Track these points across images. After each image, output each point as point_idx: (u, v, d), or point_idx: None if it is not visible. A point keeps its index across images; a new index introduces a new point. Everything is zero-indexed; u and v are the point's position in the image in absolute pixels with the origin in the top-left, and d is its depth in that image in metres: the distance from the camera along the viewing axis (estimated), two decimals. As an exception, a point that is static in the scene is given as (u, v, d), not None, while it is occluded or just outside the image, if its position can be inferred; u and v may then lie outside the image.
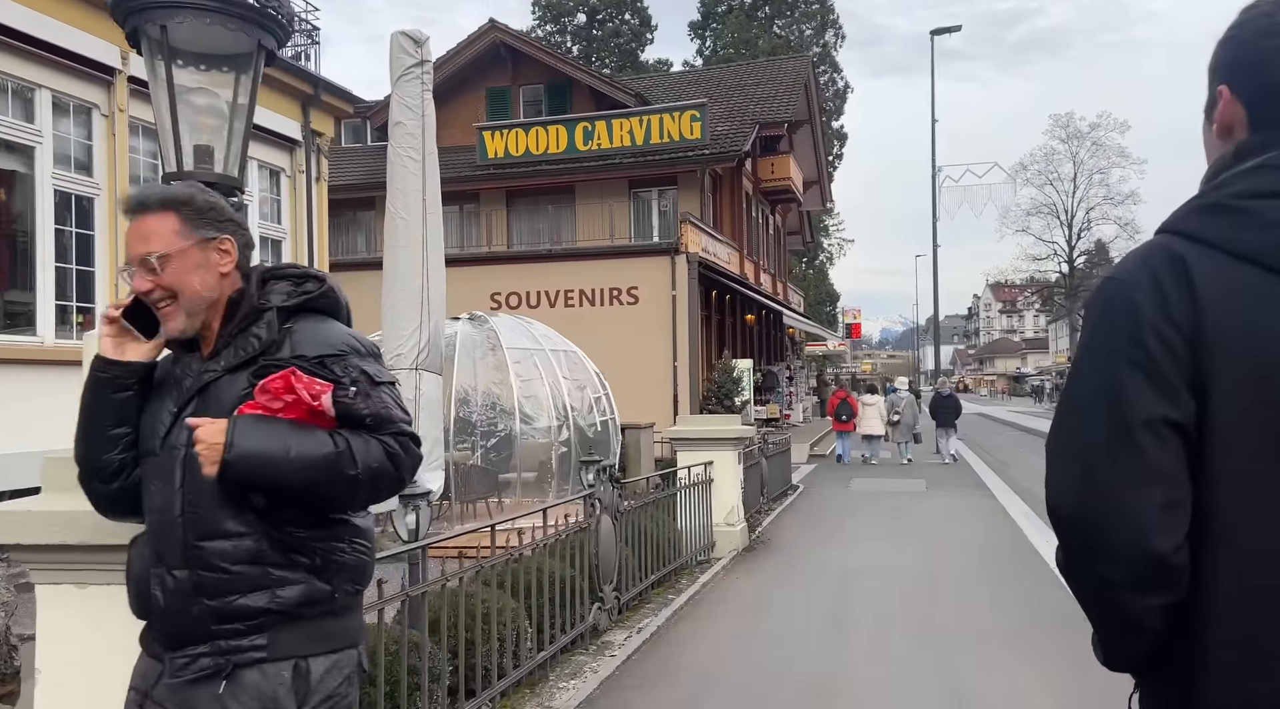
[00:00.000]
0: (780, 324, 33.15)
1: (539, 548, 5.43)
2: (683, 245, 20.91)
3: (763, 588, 7.81)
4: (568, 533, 5.71)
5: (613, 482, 6.31)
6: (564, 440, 11.21)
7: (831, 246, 62.75)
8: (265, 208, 13.24)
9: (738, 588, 7.80)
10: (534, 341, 11.72)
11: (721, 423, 9.30)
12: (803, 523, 11.34)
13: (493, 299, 21.52)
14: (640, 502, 7.09)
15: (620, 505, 6.42)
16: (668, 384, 20.67)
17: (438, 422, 10.70)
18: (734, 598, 7.45)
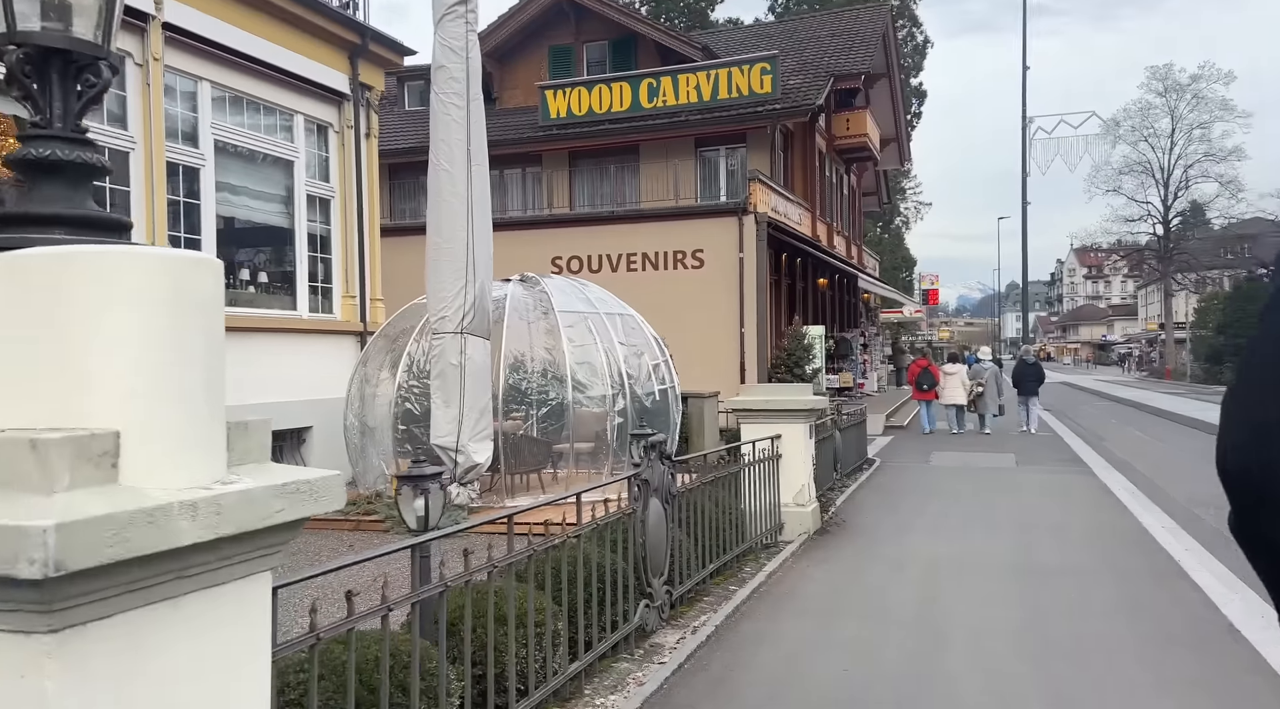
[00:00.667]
0: (854, 289, 31.79)
1: (568, 541, 4.58)
2: (751, 205, 19.82)
3: (837, 580, 6.88)
4: (605, 522, 4.86)
5: (663, 459, 5.43)
6: (620, 410, 10.37)
7: (908, 210, 60.62)
8: (311, 165, 12.60)
9: (808, 579, 6.88)
10: (588, 305, 10.87)
11: (791, 392, 8.36)
12: (881, 502, 10.35)
13: (553, 263, 20.75)
14: (697, 481, 6.21)
15: (672, 487, 5.54)
16: (734, 352, 19.70)
17: (486, 389, 9.93)
18: (804, 592, 6.54)
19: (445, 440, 9.56)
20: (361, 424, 10.72)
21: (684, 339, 19.32)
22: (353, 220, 13.06)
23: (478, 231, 9.62)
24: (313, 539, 9.26)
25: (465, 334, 9.54)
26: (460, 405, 9.50)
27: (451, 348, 9.54)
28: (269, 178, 12.03)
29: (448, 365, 9.56)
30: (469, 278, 9.53)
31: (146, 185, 9.91)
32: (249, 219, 11.90)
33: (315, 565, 8.54)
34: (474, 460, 9.58)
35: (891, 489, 11.33)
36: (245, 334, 11.21)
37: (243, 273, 11.69)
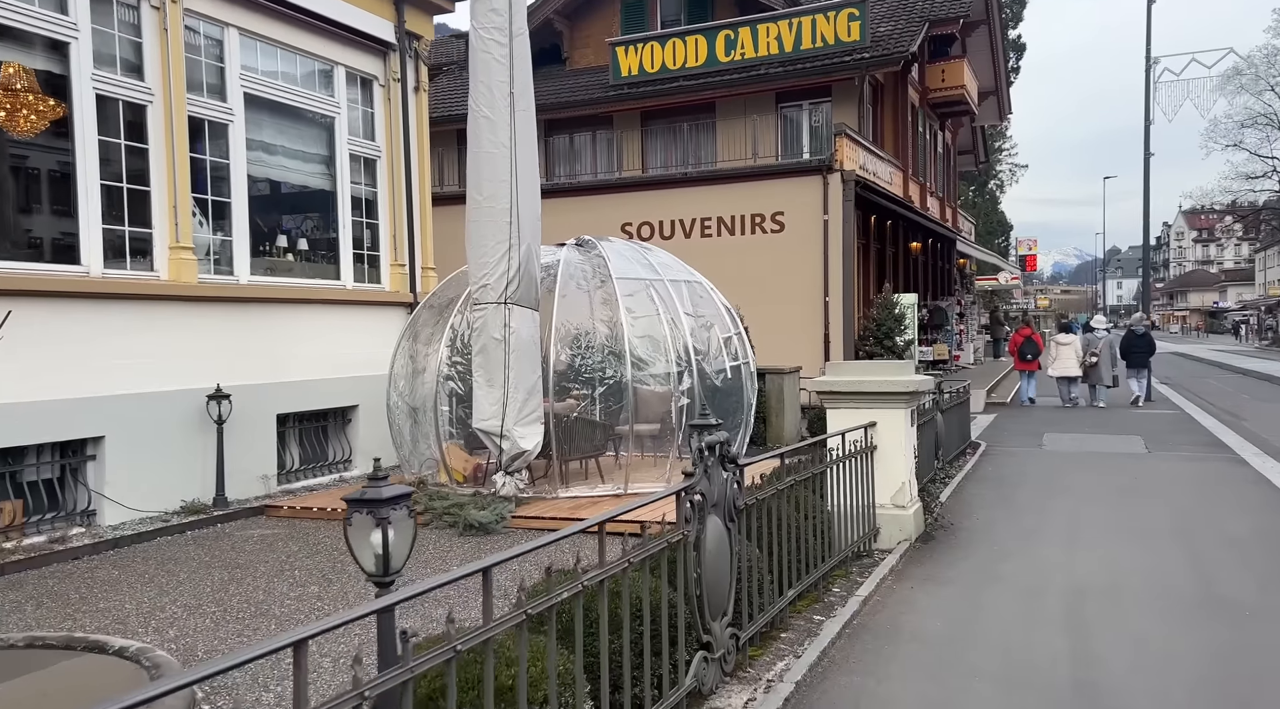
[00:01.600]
0: (949, 255, 29.80)
1: (584, 589, 3.36)
2: (837, 162, 18.21)
3: (953, 612, 5.47)
4: (643, 557, 3.61)
5: (725, 463, 4.17)
6: (686, 389, 9.12)
7: (1002, 173, 57.53)
8: (354, 122, 11.58)
9: (915, 609, 5.52)
10: (651, 271, 9.61)
11: (887, 372, 6.98)
12: (994, 499, 8.89)
13: (623, 230, 19.51)
14: (771, 488, 4.93)
15: (738, 499, 4.27)
16: (817, 323, 18.22)
17: (534, 366, 8.74)
18: (912, 629, 5.18)
19: (489, 424, 8.46)
20: (406, 404, 9.71)
21: (762, 309, 17.92)
22: (400, 182, 12.03)
23: (523, 187, 8.43)
24: (340, 533, 8.28)
25: (509, 305, 8.40)
26: (505, 385, 8.38)
27: (494, 320, 8.41)
28: (307, 136, 11.04)
29: (490, 340, 8.43)
30: (513, 241, 8.37)
31: (166, 142, 8.99)
32: (286, 180, 10.94)
33: (328, 571, 7.54)
34: (520, 447, 8.47)
35: (1004, 481, 9.83)
36: (282, 306, 10.29)
37: (279, 240, 10.76)
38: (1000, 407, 18.53)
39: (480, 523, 8.02)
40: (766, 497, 4.80)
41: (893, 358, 18.81)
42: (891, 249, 23.08)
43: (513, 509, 8.42)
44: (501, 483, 8.51)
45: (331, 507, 8.93)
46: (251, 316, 9.89)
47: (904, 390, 6.74)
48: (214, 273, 9.69)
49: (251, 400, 9.64)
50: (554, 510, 8.42)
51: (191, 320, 9.19)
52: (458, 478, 9.38)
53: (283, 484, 10.09)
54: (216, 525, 8.66)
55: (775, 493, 4.91)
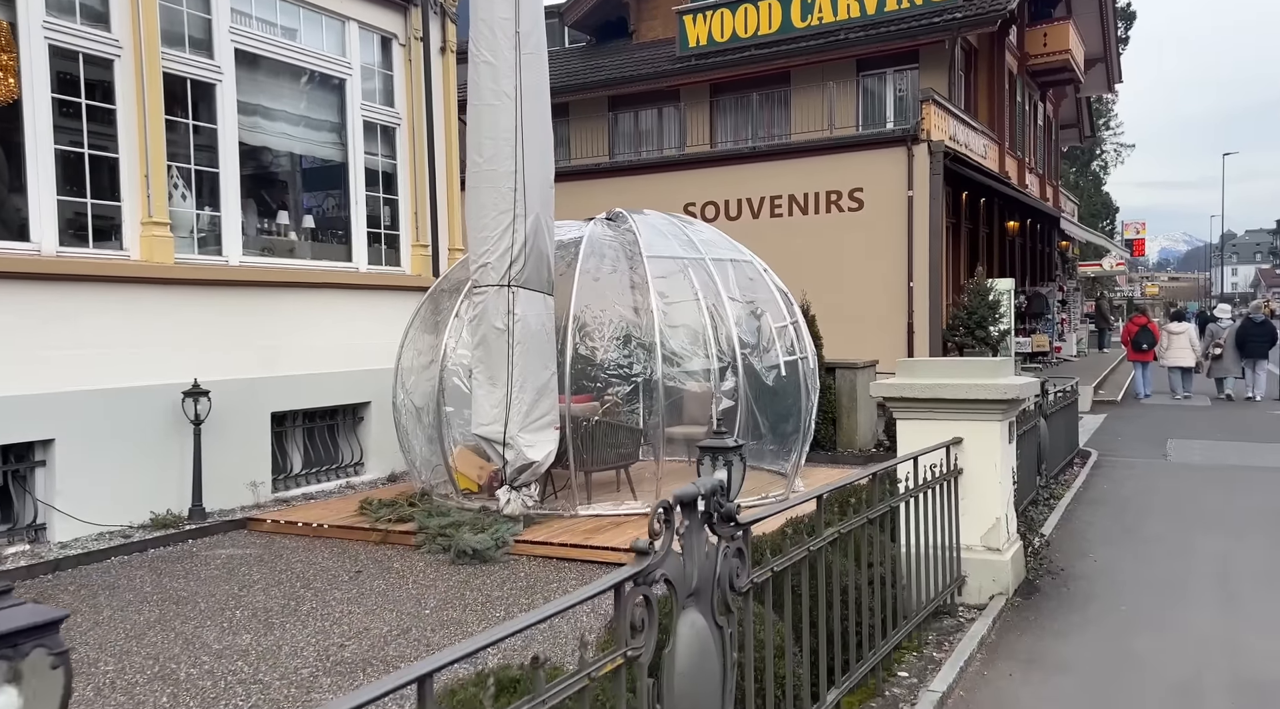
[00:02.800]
0: (1049, 237, 27.44)
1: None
2: (923, 132, 16.39)
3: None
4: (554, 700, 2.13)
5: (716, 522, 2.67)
6: (729, 390, 7.63)
7: (1107, 153, 53.98)
8: (371, 85, 10.37)
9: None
10: (690, 248, 8.13)
11: (978, 372, 5.36)
12: (1114, 530, 7.15)
13: (685, 210, 17.99)
14: (801, 548, 3.41)
15: (738, 577, 2.77)
16: (899, 310, 16.45)
17: (546, 360, 7.28)
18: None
19: (489, 430, 7.11)
20: (412, 403, 8.45)
21: (837, 296, 16.20)
22: (423, 154, 10.77)
23: (530, 146, 7.05)
24: (326, 553, 7.06)
25: (514, 287, 7.03)
26: (508, 383, 7.02)
27: (496, 306, 7.05)
28: (313, 100, 9.85)
29: (491, 330, 7.08)
30: (517, 211, 6.99)
31: (137, 103, 7.86)
32: (289, 150, 9.77)
33: (303, 600, 6.28)
34: (527, 457, 7.10)
35: (1125, 504, 8.05)
36: (282, 291, 9.13)
37: (281, 216, 9.60)
38: (1110, 405, 16.47)
39: (474, 550, 6.68)
40: (791, 562, 3.30)
41: (985, 349, 16.90)
42: (985, 230, 21.04)
43: (518, 531, 7.07)
44: (505, 500, 7.17)
45: (317, 522, 7.73)
46: (244, 302, 8.74)
47: (1000, 397, 5.13)
48: (199, 253, 8.57)
49: (240, 397, 8.51)
50: (568, 533, 7.05)
51: (168, 306, 8.07)
52: (470, 488, 8.07)
53: (279, 491, 8.94)
54: (186, 542, 7.53)
55: (806, 556, 3.40)
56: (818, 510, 3.50)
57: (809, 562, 3.45)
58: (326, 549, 7.26)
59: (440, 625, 5.38)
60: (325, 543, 7.47)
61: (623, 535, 7.01)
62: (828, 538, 3.49)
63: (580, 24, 25.30)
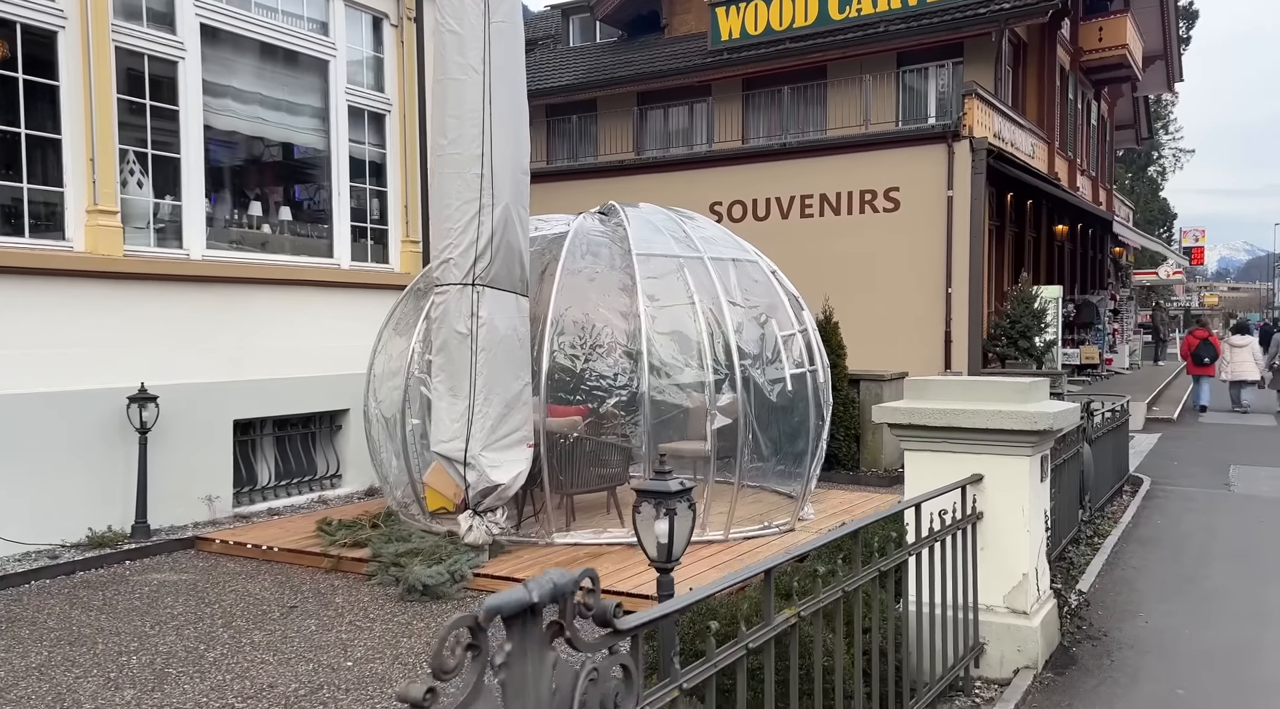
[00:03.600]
0: (1101, 243, 26.07)
1: None
2: (965, 127, 15.34)
3: None
4: None
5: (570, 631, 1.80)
6: (726, 405, 6.75)
7: (1165, 158, 51.98)
8: (358, 68, 9.64)
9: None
10: (687, 246, 7.25)
11: (1004, 395, 4.41)
12: (1170, 580, 6.09)
13: (711, 209, 17.13)
14: (760, 632, 2.52)
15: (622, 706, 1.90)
16: (936, 318, 15.40)
17: (518, 370, 6.31)
18: None
19: (449, 448, 6.30)
20: (381, 413, 7.69)
21: (869, 302, 15.23)
22: (415, 143, 10.01)
23: (500, 126, 6.23)
24: (268, 581, 6.30)
25: (479, 286, 6.22)
26: (470, 396, 6.21)
27: (457, 307, 6.25)
28: (292, 82, 9.14)
29: (452, 335, 6.28)
30: (484, 200, 6.18)
31: (84, 79, 7.19)
32: (263, 136, 9.07)
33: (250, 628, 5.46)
34: (491, 479, 6.28)
35: (1182, 545, 7.00)
36: (252, 288, 8.43)
37: (253, 207, 8.90)
38: (1165, 423, 15.26)
39: (425, 585, 5.87)
40: (745, 651, 2.42)
41: (1029, 361, 15.79)
42: (1031, 233, 19.86)
43: (480, 563, 6.26)
44: (467, 527, 6.34)
45: (268, 544, 6.98)
46: (207, 299, 8.05)
47: (1030, 428, 4.19)
48: (157, 245, 7.89)
49: (198, 403, 7.81)
50: (537, 567, 6.21)
51: (116, 302, 7.39)
52: (445, 507, 7.27)
53: (241, 506, 8.23)
54: (123, 563, 6.82)
55: (763, 644, 2.51)
56: (766, 587, 2.61)
57: (775, 641, 2.56)
58: (270, 576, 6.51)
59: (358, 683, 4.57)
60: (272, 569, 6.72)
61: (600, 569, 6.17)
62: (778, 627, 2.60)
63: (611, 18, 24.51)
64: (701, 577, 6.07)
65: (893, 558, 3.43)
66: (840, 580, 3.03)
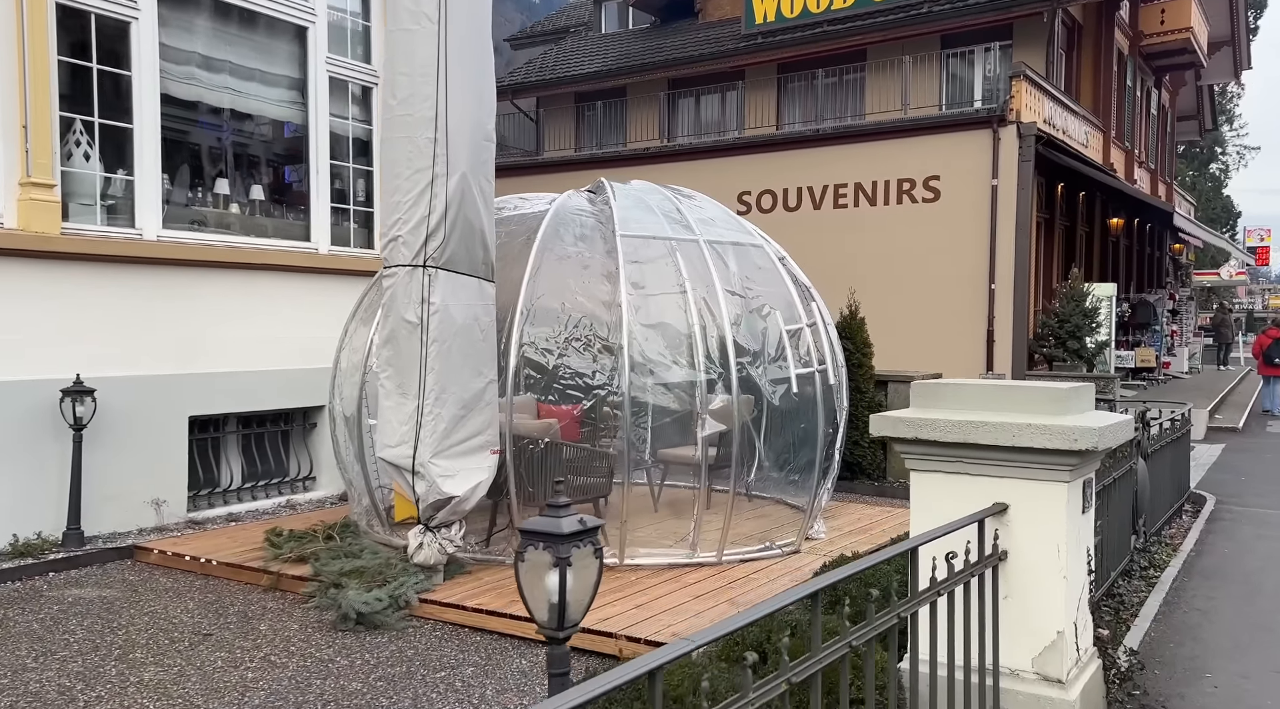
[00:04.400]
0: (1159, 239, 24.64)
1: None
2: (1012, 112, 14.24)
3: None
4: None
5: None
6: (719, 409, 5.89)
7: (1229, 156, 49.84)
8: (340, 34, 8.89)
9: None
10: (680, 227, 6.38)
11: (1034, 403, 3.47)
12: (1241, 626, 5.08)
13: (739, 200, 16.23)
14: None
15: None
16: (978, 316, 14.34)
17: (480, 365, 5.13)
18: None
19: (395, 454, 5.51)
20: (343, 411, 6.94)
21: (904, 298, 14.21)
22: (404, 118, 9.22)
23: (456, 84, 5.43)
24: (194, 600, 5.57)
25: (431, 269, 5.42)
26: (420, 395, 5.41)
27: (406, 293, 5.45)
28: (266, 50, 8.43)
29: (400, 324, 5.48)
30: (437, 168, 5.38)
31: (17, 38, 6.52)
32: (231, 107, 8.35)
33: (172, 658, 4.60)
34: (443, 491, 5.47)
35: (1254, 581, 5.95)
36: (215, 272, 7.74)
37: (219, 185, 8.20)
38: (1229, 433, 14.04)
39: (359, 613, 5.09)
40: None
41: (1079, 363, 14.65)
42: (1084, 227, 18.63)
43: (429, 586, 5.46)
44: (416, 544, 5.55)
45: (206, 557, 6.25)
46: (163, 284, 7.38)
47: (1069, 447, 3.26)
48: (106, 224, 7.21)
49: (147, 397, 7.13)
50: (493, 593, 5.43)
51: (52, 286, 6.73)
52: (415, 516, 6.49)
53: (197, 510, 7.54)
54: (45, 576, 6.15)
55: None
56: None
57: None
58: (199, 595, 5.78)
59: (238, 740, 3.80)
60: (206, 585, 6.00)
61: None
62: None
63: (644, 3, 23.66)
64: (682, 608, 5.23)
65: (874, 625, 2.54)
66: (789, 669, 2.15)
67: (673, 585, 5.66)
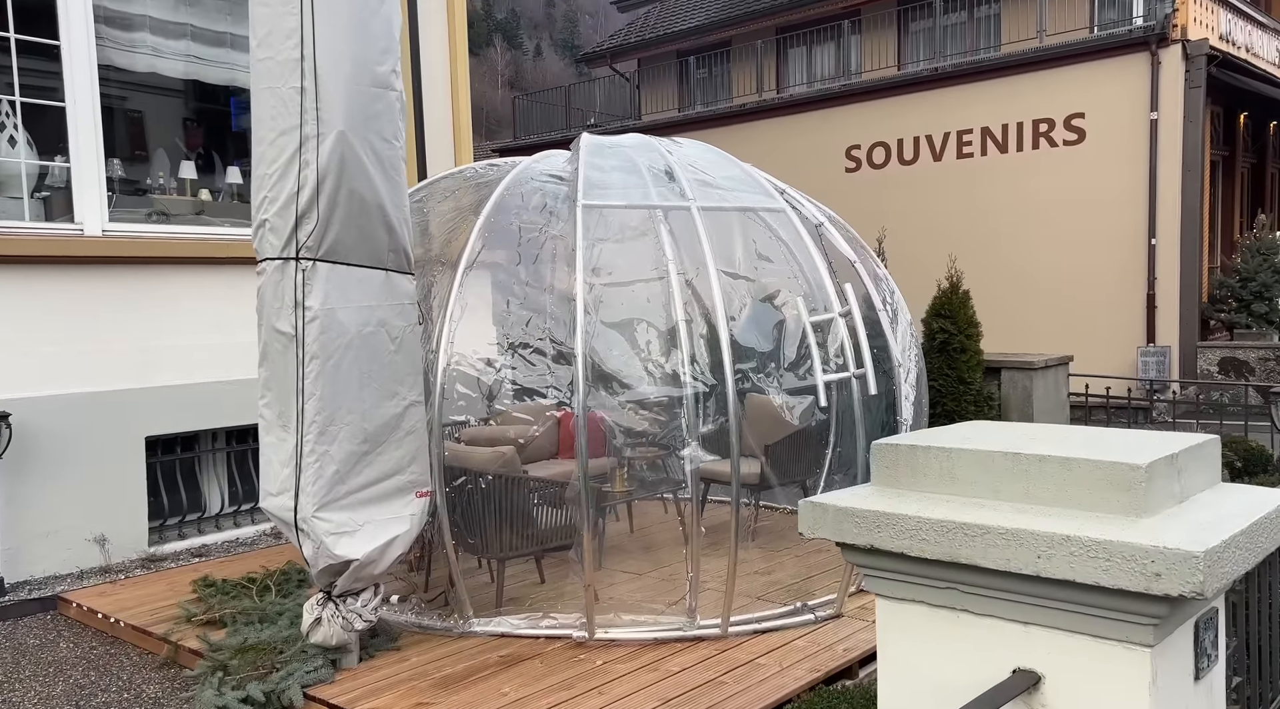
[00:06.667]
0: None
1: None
2: (1175, 27, 11.74)
3: None
4: None
5: None
6: (709, 432, 4.37)
7: None
8: None
9: None
10: (668, 191, 4.82)
11: (1075, 492, 1.85)
12: None
13: (849, 156, 14.33)
14: None
15: None
16: (1135, 278, 12.01)
17: (391, 384, 3.30)
18: None
19: (276, 504, 4.27)
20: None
21: (1041, 261, 12.06)
22: (409, 98, 8.02)
23: (328, 13, 4.09)
24: (71, 683, 4.51)
25: (305, 261, 4.12)
26: (299, 428, 4.13)
27: (276, 295, 4.19)
28: (234, 10, 7.35)
29: (272, 337, 4.23)
30: (307, 128, 4.08)
31: (-85, 16, 5.63)
32: (196, 77, 7.33)
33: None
34: (336, 554, 4.19)
35: None
36: (182, 269, 6.78)
37: (184, 169, 7.21)
38: None
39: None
40: None
41: (1269, 329, 12.09)
42: (1275, 166, 15.62)
43: (325, 677, 4.21)
44: (313, 619, 4.30)
45: (116, 616, 5.24)
46: (112, 285, 6.45)
47: (1141, 588, 1.62)
48: (37, 219, 6.32)
49: (89, 418, 6.22)
50: (406, 688, 4.13)
51: (-31, 295, 5.86)
52: None
53: (161, 544, 6.62)
54: (-60, 634, 5.29)
55: None
56: None
57: None
58: (83, 669, 4.76)
59: None
60: (108, 653, 4.99)
61: (517, 689, 4.01)
62: None
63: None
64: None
65: None
66: None
67: (649, 676, 4.20)
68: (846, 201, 13.65)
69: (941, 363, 7.59)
